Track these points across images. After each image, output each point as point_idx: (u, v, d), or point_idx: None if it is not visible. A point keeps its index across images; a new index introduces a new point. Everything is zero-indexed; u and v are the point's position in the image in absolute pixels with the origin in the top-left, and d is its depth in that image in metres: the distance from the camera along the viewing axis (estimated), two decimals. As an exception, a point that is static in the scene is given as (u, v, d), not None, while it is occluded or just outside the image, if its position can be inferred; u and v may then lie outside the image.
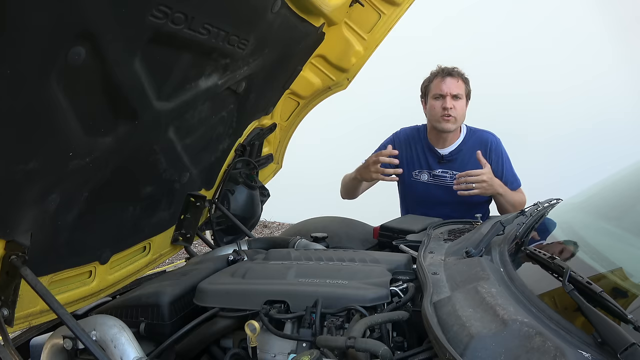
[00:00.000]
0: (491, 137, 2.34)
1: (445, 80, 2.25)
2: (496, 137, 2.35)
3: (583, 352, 0.75)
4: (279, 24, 1.33)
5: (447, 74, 2.27)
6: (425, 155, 2.37)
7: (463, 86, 2.27)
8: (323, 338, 1.02)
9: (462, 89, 2.26)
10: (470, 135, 2.35)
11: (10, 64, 0.77)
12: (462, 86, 2.27)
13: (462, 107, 2.27)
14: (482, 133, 2.37)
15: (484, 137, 2.34)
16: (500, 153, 2.31)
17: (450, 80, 2.25)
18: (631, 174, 1.52)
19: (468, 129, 2.37)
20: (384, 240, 1.90)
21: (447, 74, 2.27)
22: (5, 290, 1.06)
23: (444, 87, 2.24)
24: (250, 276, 1.30)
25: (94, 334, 1.07)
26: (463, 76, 2.30)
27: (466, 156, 2.30)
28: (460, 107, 2.26)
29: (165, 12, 0.95)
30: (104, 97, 1.01)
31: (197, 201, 1.75)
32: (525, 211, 1.55)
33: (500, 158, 2.31)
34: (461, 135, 2.35)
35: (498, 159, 2.30)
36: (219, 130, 1.60)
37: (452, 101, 2.23)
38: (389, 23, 1.90)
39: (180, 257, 3.23)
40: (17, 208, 0.99)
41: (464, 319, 0.88)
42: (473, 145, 2.30)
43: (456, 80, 2.25)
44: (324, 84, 2.03)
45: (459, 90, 2.25)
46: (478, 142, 2.32)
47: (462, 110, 2.27)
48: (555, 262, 0.99)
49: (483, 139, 2.33)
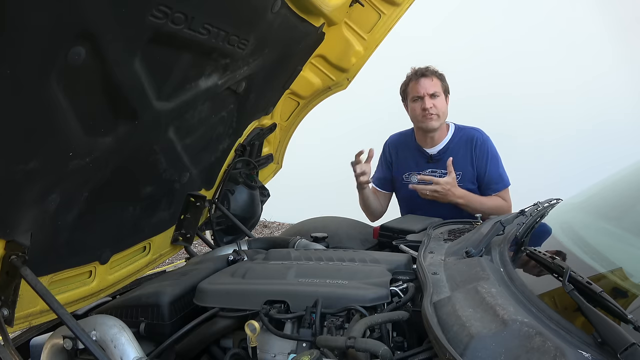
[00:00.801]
0: (477, 134, 2.33)
1: (420, 82, 2.28)
2: (483, 135, 2.34)
3: (583, 352, 0.75)
4: (279, 24, 1.33)
5: (421, 75, 2.30)
6: (414, 157, 2.39)
7: (439, 83, 2.29)
8: (323, 338, 1.02)
9: (439, 86, 2.28)
10: (457, 132, 2.36)
11: (10, 64, 0.77)
12: (437, 84, 2.28)
13: (442, 104, 2.28)
14: (469, 130, 2.36)
15: (470, 134, 2.33)
16: (486, 151, 2.30)
17: (425, 80, 2.28)
18: (631, 174, 1.52)
19: (456, 127, 2.38)
20: (384, 240, 1.90)
21: (421, 74, 2.30)
22: (5, 290, 1.06)
23: (420, 88, 2.27)
24: (250, 276, 1.30)
25: (94, 334, 1.07)
26: (437, 73, 2.31)
27: (452, 155, 2.29)
28: (440, 103, 2.27)
29: (165, 12, 0.95)
30: (104, 97, 1.01)
31: (197, 201, 1.75)
32: (525, 211, 1.55)
33: (484, 156, 2.29)
34: (449, 133, 2.36)
35: (482, 157, 2.29)
36: (219, 130, 1.60)
37: (431, 100, 2.25)
38: (389, 23, 1.90)
39: (180, 257, 3.24)
40: (17, 208, 0.99)
41: (464, 319, 0.88)
42: (459, 143, 2.32)
43: (430, 80, 2.28)
44: (324, 84, 2.03)
45: (435, 88, 2.27)
46: (464, 140, 2.32)
47: (442, 107, 2.28)
48: (555, 262, 0.99)
49: (469, 136, 2.32)
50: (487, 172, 2.29)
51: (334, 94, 2.11)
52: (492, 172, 2.29)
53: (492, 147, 2.33)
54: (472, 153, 2.29)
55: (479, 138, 2.31)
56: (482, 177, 2.29)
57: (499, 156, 2.34)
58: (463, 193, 2.21)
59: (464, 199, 2.20)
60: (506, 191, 2.32)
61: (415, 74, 2.32)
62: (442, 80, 2.33)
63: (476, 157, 2.29)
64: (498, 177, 2.30)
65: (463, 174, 2.29)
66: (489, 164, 2.29)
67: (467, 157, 2.30)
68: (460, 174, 2.28)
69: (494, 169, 2.30)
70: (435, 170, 2.33)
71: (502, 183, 2.31)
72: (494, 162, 2.31)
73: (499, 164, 2.32)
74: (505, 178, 2.33)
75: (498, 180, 2.30)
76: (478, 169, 2.29)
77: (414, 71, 2.34)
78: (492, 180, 2.29)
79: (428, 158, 2.35)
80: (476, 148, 2.30)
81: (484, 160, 2.29)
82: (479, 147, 2.30)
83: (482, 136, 2.33)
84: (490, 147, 2.32)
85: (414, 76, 2.32)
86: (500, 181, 2.30)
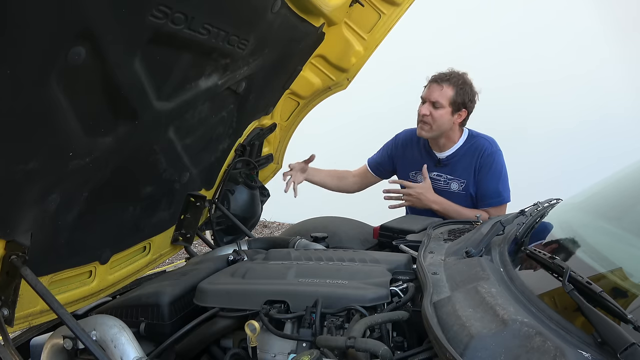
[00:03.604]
0: (487, 145, 2.25)
1: (430, 86, 2.22)
2: (493, 146, 2.25)
3: (583, 352, 0.75)
4: (279, 24, 1.33)
5: (433, 80, 2.21)
6: (422, 157, 2.36)
7: (449, 94, 2.16)
8: (323, 338, 1.02)
9: (446, 97, 2.16)
10: (469, 140, 2.29)
11: (10, 64, 0.77)
12: (446, 94, 2.16)
13: (440, 116, 2.17)
14: (480, 140, 2.27)
15: (479, 144, 2.25)
16: (490, 163, 2.22)
17: (434, 86, 2.19)
18: (631, 173, 1.52)
19: (469, 134, 2.30)
20: (384, 240, 1.90)
21: (434, 80, 2.21)
22: (6, 290, 1.06)
23: (426, 92, 2.22)
24: (250, 276, 1.30)
25: (94, 334, 1.07)
26: (455, 83, 2.17)
27: (459, 162, 2.26)
28: (439, 115, 2.17)
29: (165, 12, 0.95)
30: (104, 97, 1.01)
31: (197, 201, 1.75)
32: (525, 211, 1.55)
33: (486, 167, 2.22)
34: (460, 140, 2.29)
35: (485, 168, 2.22)
36: (219, 130, 1.60)
37: (429, 107, 2.18)
38: (389, 23, 1.90)
39: (180, 257, 3.23)
40: (17, 208, 0.99)
41: (464, 319, 0.88)
42: (467, 152, 2.26)
43: (440, 87, 2.17)
44: (324, 84, 2.03)
45: (440, 98, 2.16)
46: (472, 149, 2.25)
47: (440, 119, 2.17)
48: (555, 262, 0.99)
49: (478, 146, 2.24)
50: (483, 185, 2.23)
51: (334, 94, 2.11)
52: (490, 186, 2.23)
53: (499, 161, 2.24)
54: (476, 162, 2.23)
55: (488, 149, 2.23)
56: (479, 189, 2.24)
57: (505, 172, 2.25)
58: (438, 199, 2.20)
59: (439, 205, 2.19)
60: (500, 208, 2.24)
61: (432, 77, 2.24)
62: (456, 92, 2.17)
63: (479, 166, 2.23)
64: (495, 192, 2.22)
65: (466, 183, 2.26)
66: (489, 177, 2.22)
67: (471, 166, 2.25)
68: (464, 182, 2.25)
69: (493, 183, 2.22)
70: (441, 175, 2.31)
71: (497, 199, 2.23)
72: (495, 176, 2.22)
73: (500, 180, 2.24)
74: (504, 195, 2.24)
75: (494, 195, 2.23)
76: (477, 179, 2.24)
77: (434, 75, 2.25)
78: (487, 194, 2.23)
79: (436, 162, 2.31)
80: (482, 158, 2.23)
81: (485, 172, 2.23)
82: (484, 158, 2.23)
83: (491, 147, 2.24)
84: (496, 160, 2.23)
85: (431, 79, 2.25)
86: (496, 196, 2.23)
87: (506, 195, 2.25)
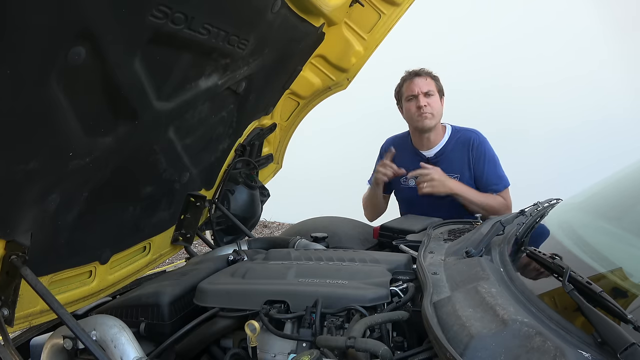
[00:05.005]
0: (474, 135, 2.33)
1: (414, 81, 2.31)
2: (480, 136, 2.34)
3: (583, 352, 0.75)
4: (279, 24, 1.33)
5: (415, 75, 2.33)
6: (411, 159, 2.37)
7: (433, 83, 2.31)
8: (323, 338, 1.02)
9: (433, 86, 2.30)
10: (454, 134, 2.36)
11: (10, 64, 0.77)
12: (431, 83, 2.31)
13: (436, 103, 2.30)
14: (465, 132, 2.36)
15: (466, 136, 2.34)
16: (483, 152, 2.30)
17: (419, 79, 2.31)
18: (631, 173, 1.52)
19: (453, 129, 2.38)
20: (384, 240, 1.90)
21: (415, 74, 2.33)
22: (6, 290, 1.06)
23: (414, 87, 2.29)
24: (250, 276, 1.30)
25: (94, 334, 1.07)
26: (431, 74, 2.34)
27: (450, 157, 2.30)
28: (435, 102, 2.29)
29: (165, 12, 0.95)
30: (104, 97, 1.01)
31: (197, 201, 1.75)
32: (525, 211, 1.55)
33: (481, 157, 2.29)
34: (445, 135, 2.36)
35: (479, 159, 2.29)
36: (219, 130, 1.60)
37: (425, 98, 2.27)
38: (389, 23, 1.90)
39: (180, 257, 3.24)
40: (17, 208, 0.99)
41: (464, 319, 0.88)
42: (456, 146, 2.32)
43: (424, 79, 2.30)
44: (324, 84, 2.03)
45: (429, 87, 2.29)
46: (461, 142, 2.32)
47: (437, 106, 2.30)
48: (555, 262, 0.99)
49: (466, 138, 2.33)
50: (484, 174, 2.28)
51: (334, 94, 2.11)
52: (490, 173, 2.29)
53: (490, 149, 2.33)
54: (470, 155, 2.29)
55: (476, 140, 2.31)
56: (480, 179, 2.29)
57: (497, 157, 2.34)
58: (461, 184, 2.22)
59: (461, 189, 2.20)
60: (506, 191, 2.32)
61: (409, 75, 2.36)
62: (436, 81, 2.34)
63: (473, 158, 2.29)
64: (497, 177, 2.30)
65: (461, 177, 2.28)
66: (487, 166, 2.29)
67: (464, 159, 2.30)
68: (457, 177, 2.27)
69: (492, 170, 2.30)
70: None
71: (501, 183, 2.30)
72: (492, 163, 2.30)
73: (496, 165, 2.32)
74: (505, 178, 2.32)
75: (497, 181, 2.30)
76: (475, 171, 2.28)
77: (408, 72, 2.37)
78: (490, 181, 2.28)
79: (425, 161, 2.33)
80: (473, 150, 2.30)
81: (482, 162, 2.29)
82: (475, 149, 2.30)
83: (479, 138, 2.33)
84: (487, 148, 2.32)
85: (408, 76, 2.35)
86: (499, 182, 2.30)
87: (506, 179, 2.34)
